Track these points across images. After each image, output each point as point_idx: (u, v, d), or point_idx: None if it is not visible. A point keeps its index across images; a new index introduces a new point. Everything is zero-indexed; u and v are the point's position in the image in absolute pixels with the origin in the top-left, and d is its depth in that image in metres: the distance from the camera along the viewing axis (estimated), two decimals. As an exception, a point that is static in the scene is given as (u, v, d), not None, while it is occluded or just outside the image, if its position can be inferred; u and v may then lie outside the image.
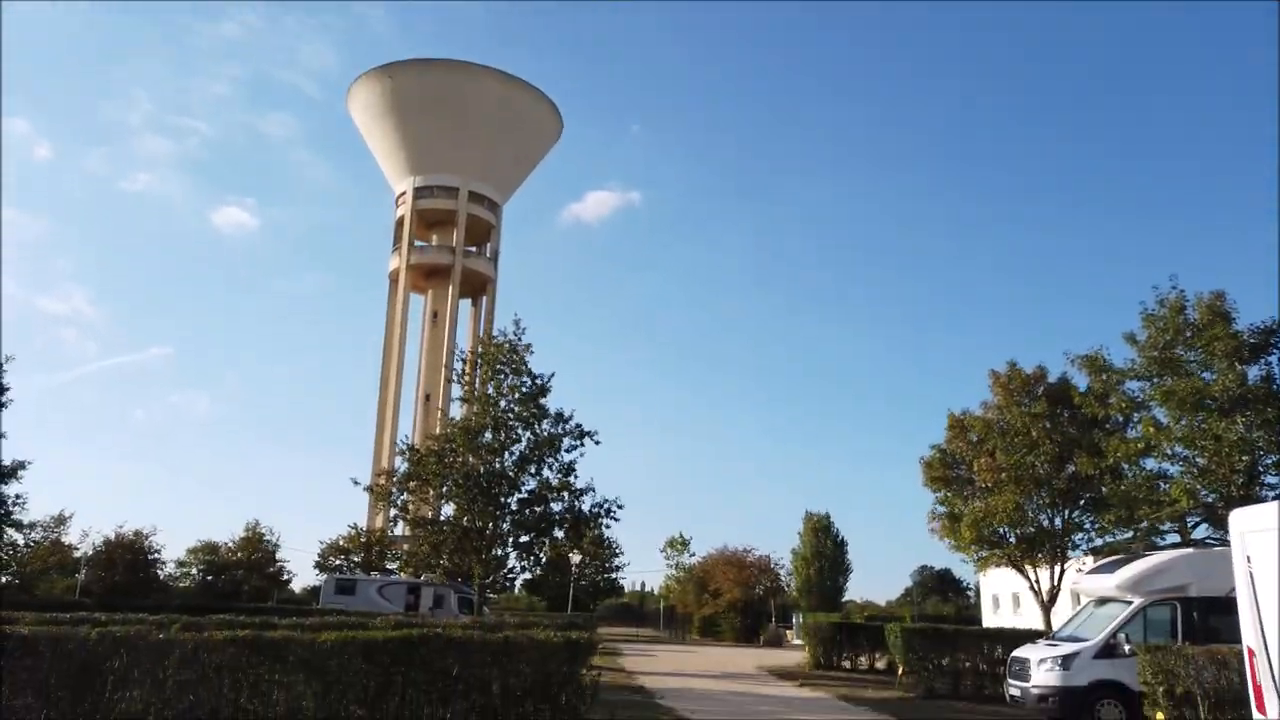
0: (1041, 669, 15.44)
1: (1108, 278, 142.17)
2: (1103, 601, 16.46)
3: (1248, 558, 9.96)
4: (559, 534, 30.27)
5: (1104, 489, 22.38)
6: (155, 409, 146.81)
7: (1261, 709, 9.55)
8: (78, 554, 47.78)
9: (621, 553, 66.85)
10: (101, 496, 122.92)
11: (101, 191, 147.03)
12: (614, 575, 67.69)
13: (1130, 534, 22.75)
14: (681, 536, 71.49)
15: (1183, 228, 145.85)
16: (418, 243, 72.93)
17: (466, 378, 30.97)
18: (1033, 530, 24.52)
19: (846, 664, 28.55)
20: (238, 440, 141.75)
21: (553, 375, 29.30)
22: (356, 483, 31.52)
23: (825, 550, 66.95)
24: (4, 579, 42.63)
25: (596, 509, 29.65)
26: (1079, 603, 21.79)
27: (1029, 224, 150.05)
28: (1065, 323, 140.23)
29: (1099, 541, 24.31)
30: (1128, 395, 21.24)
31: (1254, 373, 19.33)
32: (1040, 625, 24.36)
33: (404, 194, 73.01)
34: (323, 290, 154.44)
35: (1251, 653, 9.70)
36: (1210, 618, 14.35)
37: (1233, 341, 19.04)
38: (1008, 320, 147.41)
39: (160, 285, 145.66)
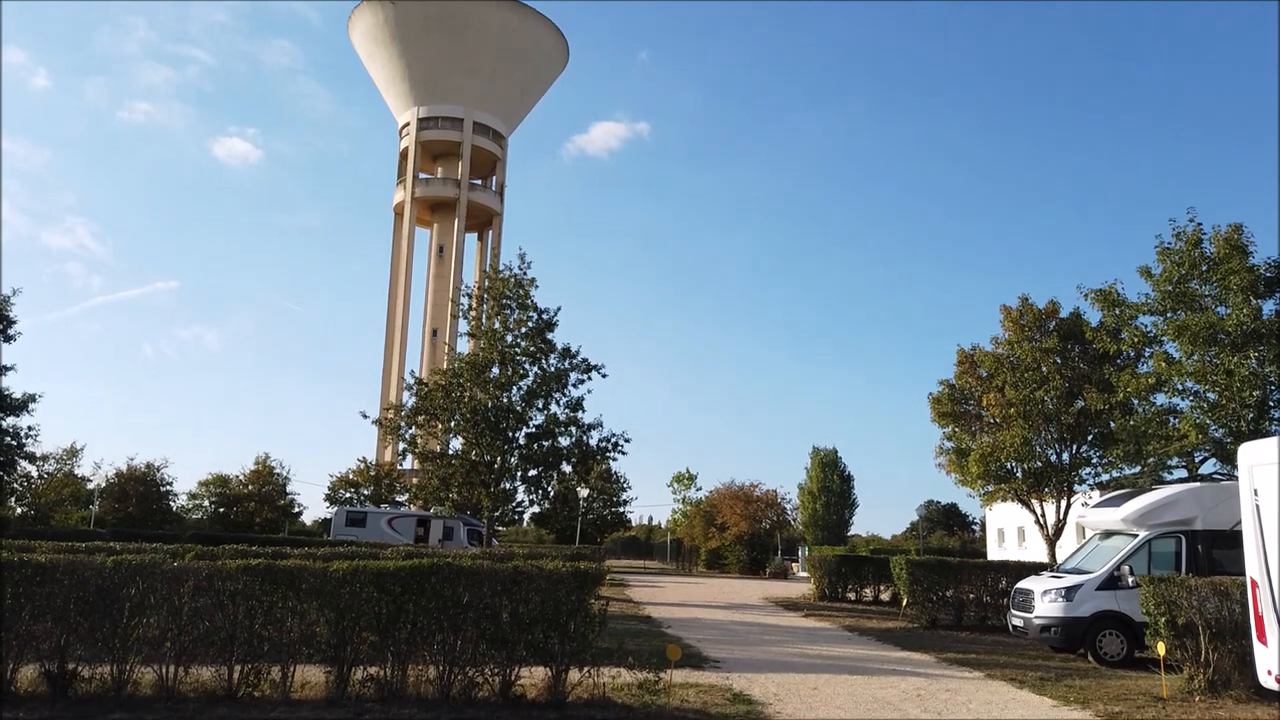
0: (1045, 600, 15.60)
1: (1126, 213, 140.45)
2: (1108, 534, 16.56)
3: (1255, 490, 9.97)
4: (566, 468, 30.52)
5: (1112, 424, 22.36)
6: (163, 343, 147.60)
7: (1262, 638, 9.65)
8: (90, 486, 48.46)
9: (629, 487, 67.75)
10: (112, 430, 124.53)
11: (101, 122, 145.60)
12: (621, 509, 68.55)
13: (1137, 469, 22.81)
14: (688, 472, 72.20)
15: (1203, 161, 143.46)
16: (422, 175, 72.18)
17: (473, 312, 30.92)
18: (1040, 465, 24.60)
19: (851, 596, 28.95)
20: (246, 374, 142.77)
21: (559, 310, 29.29)
22: (365, 416, 31.77)
23: (832, 485, 67.58)
24: (20, 510, 43.34)
25: (604, 443, 29.86)
26: (1084, 536, 21.97)
27: (1047, 156, 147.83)
28: (1081, 259, 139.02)
29: (1106, 476, 24.39)
30: (1140, 330, 21.07)
31: (1269, 307, 19.14)
32: (1045, 559, 24.59)
33: (407, 125, 72.04)
34: (328, 224, 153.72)
35: (1255, 583, 9.77)
36: (1215, 550, 14.44)
37: (1249, 275, 18.79)
38: (1022, 255, 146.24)
39: (164, 219, 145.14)
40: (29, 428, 29.70)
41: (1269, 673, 9.55)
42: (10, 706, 8.23)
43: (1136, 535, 15.39)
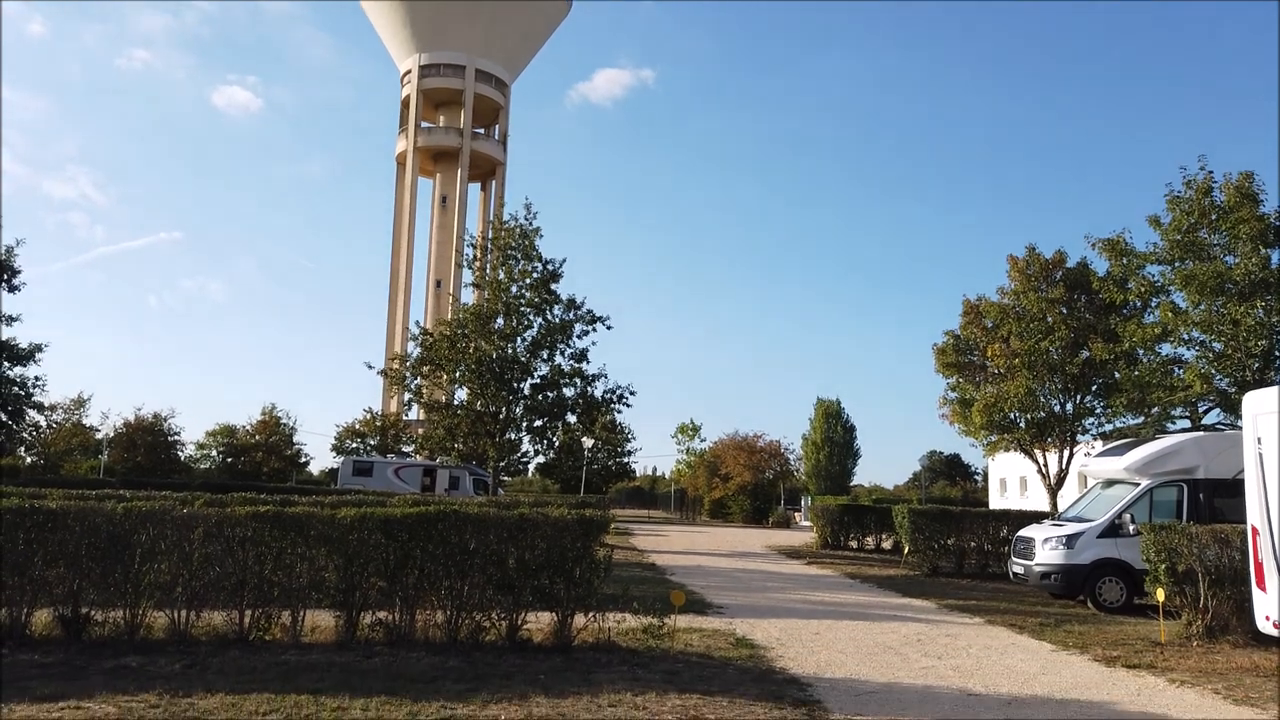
0: (1046, 548, 15.74)
1: (1136, 163, 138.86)
2: (1110, 483, 16.65)
3: (1258, 439, 10.00)
4: (571, 419, 30.68)
5: (1117, 375, 22.36)
6: (168, 294, 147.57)
7: (1261, 585, 9.74)
8: (99, 436, 48.82)
9: (634, 438, 68.05)
10: (119, 381, 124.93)
11: (100, 70, 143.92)
12: (626, 460, 68.95)
13: (1141, 420, 22.85)
14: (693, 423, 72.56)
15: (1216, 109, 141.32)
16: (424, 124, 71.45)
17: (477, 263, 30.82)
18: (1043, 415, 24.65)
19: (853, 545, 29.24)
20: (252, 326, 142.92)
21: (564, 261, 29.18)
22: (370, 367, 31.93)
23: (835, 435, 67.78)
24: (30, 460, 43.75)
25: (609, 394, 29.97)
26: (1086, 485, 22.07)
27: (1057, 105, 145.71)
28: (1089, 210, 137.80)
29: (1109, 427, 24.44)
30: (1147, 279, 20.97)
31: (1278, 256, 19.01)
32: (1047, 508, 24.76)
33: (409, 73, 71.15)
34: (331, 174, 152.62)
35: (1255, 531, 9.84)
36: (1216, 499, 14.52)
37: (1259, 224, 18.64)
38: (1029, 206, 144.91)
39: (165, 168, 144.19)
40: (36, 378, 29.86)
41: (1267, 618, 9.66)
42: (26, 649, 8.39)
43: (1139, 484, 15.47)
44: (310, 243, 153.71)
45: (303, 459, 58.69)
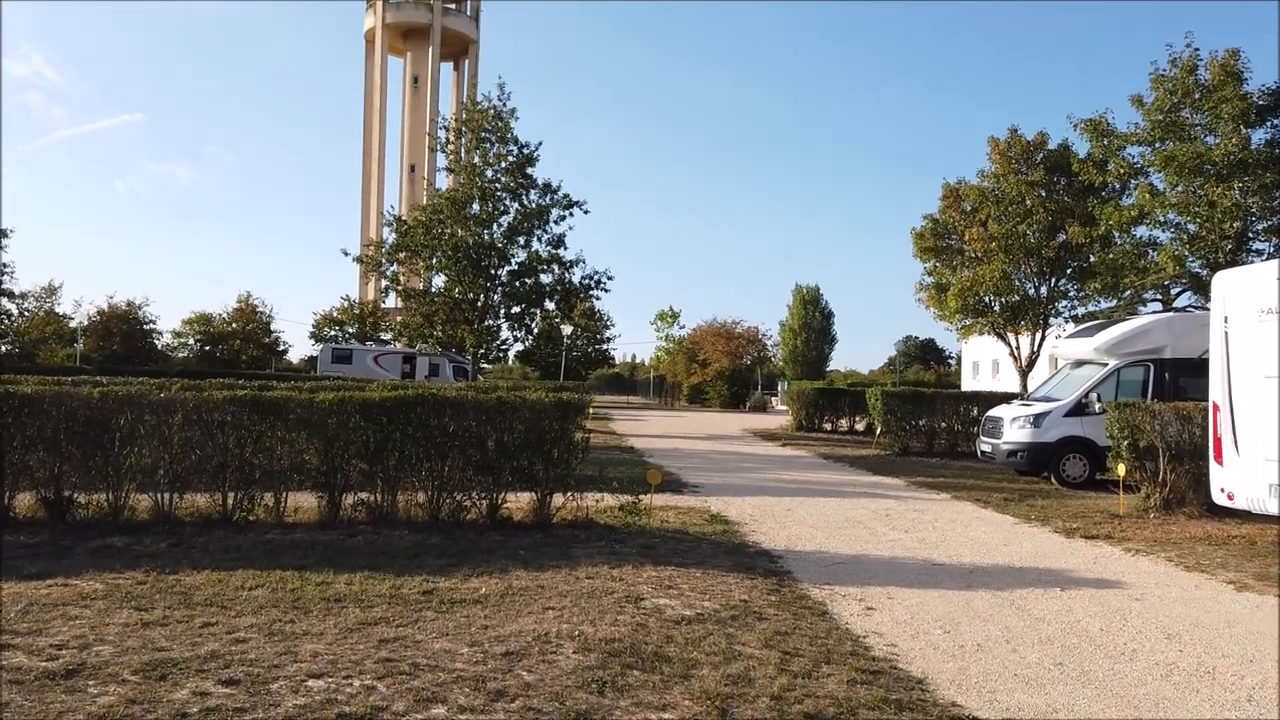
0: (1014, 427, 16.12)
1: (1122, 44, 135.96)
2: (1079, 364, 16.93)
3: (1225, 317, 10.16)
4: (550, 306, 30.62)
5: (1092, 258, 22.51)
6: (135, 179, 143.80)
7: (1219, 459, 10.08)
8: (73, 324, 48.35)
9: (612, 325, 68.37)
10: (88, 268, 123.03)
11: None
12: (605, 346, 69.42)
13: (1114, 303, 23.13)
14: (672, 310, 72.77)
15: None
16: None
17: (451, 147, 30.11)
18: (1018, 299, 24.89)
19: (828, 427, 29.86)
20: (223, 212, 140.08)
21: (540, 144, 28.56)
22: (346, 253, 31.40)
23: (813, 322, 68.27)
24: (4, 348, 43.38)
25: (587, 281, 29.84)
26: (1056, 367, 22.49)
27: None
28: (1074, 91, 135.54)
29: (1082, 310, 24.76)
30: (1127, 161, 20.87)
31: (1258, 136, 18.93)
32: (1018, 389, 25.28)
33: (375, -56, 67.80)
34: (298, 55, 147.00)
35: (1216, 407, 10.11)
36: (1181, 378, 14.81)
37: (1241, 103, 18.46)
38: (1014, 89, 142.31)
39: (122, 48, 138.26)
40: (4, 264, 29.39)
41: (1222, 490, 10.04)
42: (11, 530, 8.51)
43: (1107, 364, 15.75)
44: (280, 127, 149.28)
45: (281, 347, 58.60)
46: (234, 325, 54.17)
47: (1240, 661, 5.64)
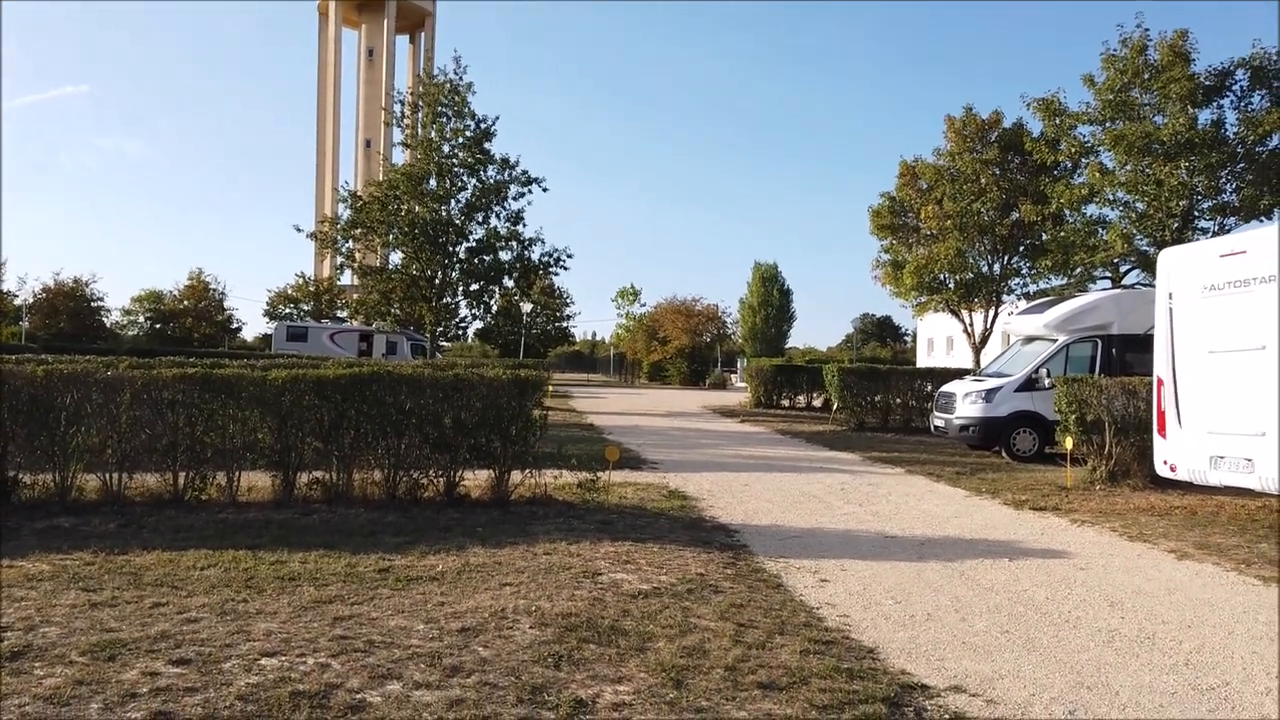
0: (966, 402, 16.40)
1: (1076, 23, 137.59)
2: (1030, 340, 17.24)
3: (1170, 294, 10.40)
4: (509, 283, 30.45)
5: (1044, 236, 22.89)
6: (80, 152, 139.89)
7: (1163, 432, 10.35)
8: (17, 302, 47.09)
9: (572, 302, 68.12)
10: (33, 243, 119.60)
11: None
12: (565, 324, 69.17)
13: (1065, 280, 23.58)
14: (632, 287, 72.61)
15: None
16: (346, -31, 67.13)
17: (407, 121, 29.71)
18: (971, 276, 25.26)
19: (786, 404, 30.11)
20: (173, 187, 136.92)
21: (497, 119, 28.29)
22: (300, 230, 30.88)
23: (772, 299, 68.66)
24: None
25: (546, 258, 29.72)
26: (1009, 343, 22.89)
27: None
28: (1030, 71, 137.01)
29: (1034, 287, 25.21)
30: (1078, 140, 21.21)
31: (1204, 117, 19.33)
32: (971, 366, 25.70)
33: (327, -88, 66.26)
34: (250, 26, 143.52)
35: (1160, 381, 10.38)
36: (1128, 354, 15.16)
37: (1189, 84, 18.83)
38: (972, 69, 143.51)
39: (59, 14, 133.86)
40: (-58, 242, 28.44)
41: (1165, 462, 10.32)
42: (-47, 512, 8.30)
43: (1056, 340, 16.05)
44: (232, 101, 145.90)
45: (235, 325, 57.63)
46: (185, 303, 53.16)
47: (1179, 627, 5.82)
